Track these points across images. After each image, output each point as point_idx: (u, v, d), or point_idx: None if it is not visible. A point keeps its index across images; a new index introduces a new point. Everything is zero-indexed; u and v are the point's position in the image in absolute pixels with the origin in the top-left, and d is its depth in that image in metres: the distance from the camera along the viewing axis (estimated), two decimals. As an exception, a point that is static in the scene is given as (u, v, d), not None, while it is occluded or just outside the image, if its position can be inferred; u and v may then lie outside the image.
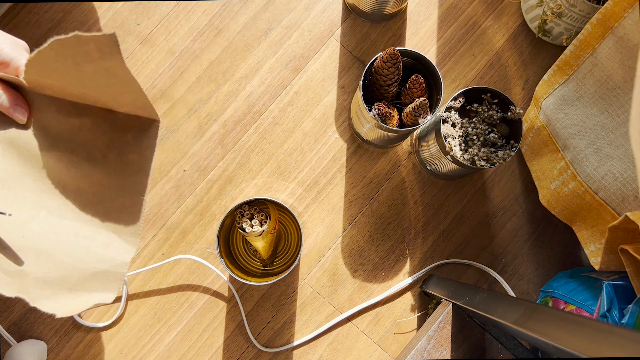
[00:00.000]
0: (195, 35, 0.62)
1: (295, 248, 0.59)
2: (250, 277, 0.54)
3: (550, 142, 0.54)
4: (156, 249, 0.59)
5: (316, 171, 0.62)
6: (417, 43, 0.63)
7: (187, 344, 0.59)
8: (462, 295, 0.48)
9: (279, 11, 0.62)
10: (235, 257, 0.58)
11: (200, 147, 0.61)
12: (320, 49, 0.63)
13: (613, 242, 0.44)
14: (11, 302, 0.58)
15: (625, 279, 0.46)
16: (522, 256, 0.62)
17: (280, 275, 0.53)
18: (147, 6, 0.61)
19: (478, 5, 0.64)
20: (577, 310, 0.50)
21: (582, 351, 0.27)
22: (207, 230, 0.60)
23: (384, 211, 0.62)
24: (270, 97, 0.62)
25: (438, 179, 0.62)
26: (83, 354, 0.58)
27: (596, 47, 0.46)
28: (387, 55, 0.47)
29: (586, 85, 0.48)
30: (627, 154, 0.43)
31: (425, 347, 0.49)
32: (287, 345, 0.59)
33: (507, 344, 0.50)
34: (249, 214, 0.51)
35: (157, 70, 0.61)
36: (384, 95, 0.52)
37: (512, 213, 0.62)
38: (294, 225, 0.58)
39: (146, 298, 0.59)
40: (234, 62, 0.62)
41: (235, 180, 0.61)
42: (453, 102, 0.52)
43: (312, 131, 0.62)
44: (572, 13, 0.54)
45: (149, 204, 0.60)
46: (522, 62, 0.63)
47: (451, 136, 0.52)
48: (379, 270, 0.61)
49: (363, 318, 0.60)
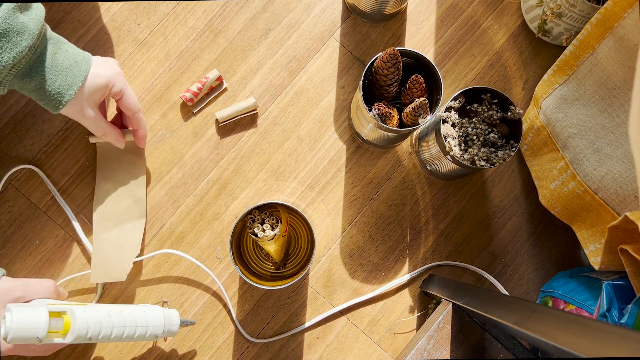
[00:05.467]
0: (195, 35, 0.62)
1: (306, 249, 0.59)
2: (265, 282, 0.54)
3: (550, 142, 0.54)
4: (157, 248, 0.60)
5: (316, 171, 0.62)
6: (417, 43, 0.63)
7: (187, 344, 0.59)
8: (462, 295, 0.48)
9: (279, 11, 0.62)
10: (247, 262, 0.58)
11: (200, 147, 0.61)
12: (320, 49, 0.63)
13: (613, 242, 0.44)
14: (11, 302, 0.58)
15: (624, 278, 0.46)
16: (522, 256, 0.62)
17: (295, 277, 0.53)
18: (147, 6, 0.61)
19: (478, 5, 0.64)
20: (577, 310, 0.50)
21: (582, 351, 0.27)
22: (207, 230, 0.60)
23: (384, 211, 0.62)
24: (270, 97, 0.62)
25: (438, 179, 0.62)
26: (83, 354, 0.58)
27: (596, 47, 0.46)
28: (387, 55, 0.47)
29: (586, 85, 0.48)
30: (627, 154, 0.43)
31: (425, 347, 0.49)
32: (287, 345, 0.59)
33: (507, 344, 0.50)
34: (259, 218, 0.52)
35: (157, 70, 0.61)
36: (384, 95, 0.52)
37: (512, 213, 0.62)
38: (304, 226, 0.58)
39: (146, 298, 0.59)
40: (234, 62, 0.62)
41: (235, 181, 0.61)
42: (453, 102, 0.52)
43: (312, 131, 0.62)
44: (572, 13, 0.54)
45: (148, 204, 0.60)
46: (522, 62, 0.63)
47: (451, 136, 0.52)
48: (379, 270, 0.61)
49: (363, 318, 0.60)
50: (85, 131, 0.60)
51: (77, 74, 0.46)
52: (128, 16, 0.61)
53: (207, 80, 0.59)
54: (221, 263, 0.60)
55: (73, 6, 0.61)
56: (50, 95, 0.46)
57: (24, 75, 0.44)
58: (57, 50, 0.46)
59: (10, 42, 0.41)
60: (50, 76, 0.45)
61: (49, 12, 0.60)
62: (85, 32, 0.60)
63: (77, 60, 0.47)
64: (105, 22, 0.61)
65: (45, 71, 0.45)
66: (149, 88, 0.61)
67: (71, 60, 0.46)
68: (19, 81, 0.44)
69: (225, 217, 0.60)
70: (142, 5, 0.61)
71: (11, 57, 0.41)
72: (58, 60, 0.45)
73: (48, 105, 0.47)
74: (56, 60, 0.45)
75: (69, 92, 0.46)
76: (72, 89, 0.46)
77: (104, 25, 0.61)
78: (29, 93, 0.46)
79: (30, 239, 0.58)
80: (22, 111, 0.59)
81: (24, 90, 0.46)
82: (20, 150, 0.59)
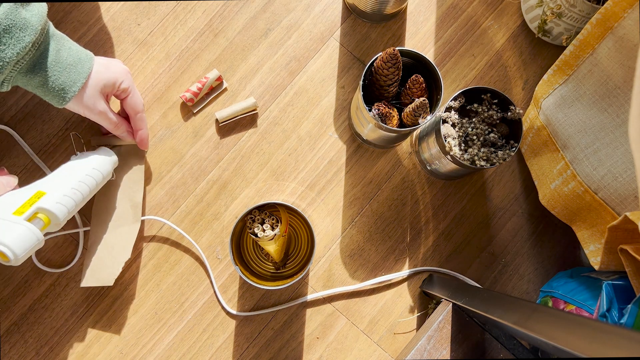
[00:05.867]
0: (195, 35, 0.62)
1: (306, 249, 0.59)
2: (265, 282, 0.54)
3: (550, 142, 0.54)
4: (157, 248, 0.60)
5: (316, 171, 0.62)
6: (417, 43, 0.63)
7: (187, 344, 0.59)
8: (462, 295, 0.48)
9: (279, 11, 0.62)
10: (247, 262, 0.58)
11: (200, 147, 0.61)
12: (320, 49, 0.63)
13: (613, 242, 0.44)
14: (11, 302, 0.58)
15: (625, 278, 0.46)
16: (522, 256, 0.62)
17: (295, 277, 0.53)
18: (147, 6, 0.62)
19: (478, 5, 0.64)
20: (577, 310, 0.50)
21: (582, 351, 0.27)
22: (207, 230, 0.60)
23: (383, 211, 0.62)
24: (270, 97, 0.62)
25: (438, 179, 0.62)
26: (83, 354, 0.58)
27: (596, 47, 0.46)
28: (387, 55, 0.47)
29: (586, 85, 0.48)
30: (627, 154, 0.43)
31: (425, 347, 0.49)
32: (287, 345, 0.59)
33: (507, 344, 0.50)
34: (259, 218, 0.52)
35: (157, 70, 0.61)
36: (384, 95, 0.52)
37: (512, 213, 0.62)
38: (304, 226, 0.59)
39: (146, 298, 0.59)
40: (234, 62, 0.62)
41: (235, 181, 0.61)
42: (453, 102, 0.52)
43: (312, 131, 0.62)
44: (572, 13, 0.54)
45: (148, 204, 0.60)
46: (522, 62, 0.63)
47: (451, 136, 0.52)
48: (379, 270, 0.61)
49: (363, 318, 0.60)
50: (85, 132, 0.60)
51: (80, 70, 0.47)
52: (128, 16, 0.61)
53: (207, 80, 0.59)
54: (221, 263, 0.60)
55: (73, 6, 0.61)
56: (54, 92, 0.46)
57: (28, 71, 0.44)
58: (60, 47, 0.46)
59: (14, 38, 0.41)
60: (54, 72, 0.45)
61: (49, 12, 0.60)
62: (86, 32, 0.60)
63: (80, 57, 0.48)
64: (105, 22, 0.61)
65: (48, 67, 0.45)
66: (149, 88, 0.61)
67: (75, 57, 0.47)
68: (22, 77, 0.45)
69: (225, 217, 0.60)
70: (142, 5, 0.61)
71: (15, 53, 0.42)
72: (62, 57, 0.46)
73: (52, 101, 0.47)
74: (60, 56, 0.46)
75: (73, 89, 0.47)
76: (76, 85, 0.47)
77: (104, 25, 0.61)
78: (33, 89, 0.46)
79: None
80: (22, 111, 0.59)
81: (28, 87, 0.46)
82: (20, 150, 0.59)
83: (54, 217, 0.45)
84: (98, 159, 0.52)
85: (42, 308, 0.58)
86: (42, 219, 0.44)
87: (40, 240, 0.43)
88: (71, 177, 0.49)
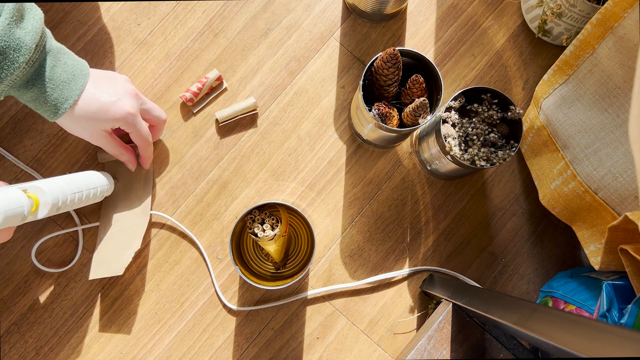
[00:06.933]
0: (195, 35, 0.62)
1: (306, 249, 0.59)
2: (265, 282, 0.54)
3: (550, 142, 0.54)
4: (157, 248, 0.60)
5: (316, 171, 0.62)
6: (417, 43, 0.63)
7: (187, 344, 0.59)
8: (462, 295, 0.48)
9: (279, 11, 0.62)
10: (247, 262, 0.58)
11: (200, 147, 0.61)
12: (320, 49, 0.63)
13: (613, 242, 0.44)
14: (11, 302, 0.58)
15: (625, 279, 0.46)
16: (522, 256, 0.62)
17: (295, 277, 0.53)
18: (147, 6, 0.62)
19: (478, 5, 0.64)
20: (577, 310, 0.50)
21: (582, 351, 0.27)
22: (207, 230, 0.60)
23: (384, 211, 0.62)
24: (270, 97, 0.62)
25: (438, 179, 0.62)
26: (83, 354, 0.58)
27: (596, 47, 0.46)
28: (387, 55, 0.47)
29: (586, 85, 0.48)
30: (627, 154, 0.43)
31: (425, 347, 0.49)
32: (287, 345, 0.59)
33: (507, 344, 0.50)
34: (259, 218, 0.52)
35: (157, 70, 0.61)
36: (384, 95, 0.52)
37: (512, 213, 0.62)
38: (304, 226, 0.58)
39: (146, 298, 0.59)
40: (234, 62, 0.62)
41: (235, 181, 0.61)
42: (453, 102, 0.52)
43: (312, 131, 0.62)
44: (572, 13, 0.54)
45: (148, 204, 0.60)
46: (522, 62, 0.63)
47: (451, 136, 0.52)
48: (379, 270, 0.61)
49: (363, 318, 0.60)
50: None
51: (73, 87, 0.47)
52: (128, 16, 0.61)
53: (207, 80, 0.59)
54: (221, 263, 0.60)
55: (73, 6, 0.61)
56: (46, 107, 0.46)
57: (21, 86, 0.44)
58: (56, 62, 0.46)
59: (8, 59, 0.41)
60: (47, 89, 0.45)
61: (49, 12, 0.60)
62: (85, 32, 0.60)
63: (75, 74, 0.47)
64: (105, 22, 0.61)
65: (42, 84, 0.45)
66: (149, 88, 0.61)
67: (69, 74, 0.46)
68: (15, 91, 0.44)
69: (225, 217, 0.60)
70: (142, 5, 0.61)
71: (8, 74, 0.42)
72: (56, 74, 0.45)
73: (44, 115, 0.47)
74: (54, 73, 0.45)
75: (64, 106, 0.46)
76: (68, 102, 0.46)
77: (104, 25, 0.61)
78: (26, 102, 0.46)
79: (30, 239, 0.58)
80: (22, 111, 0.59)
81: (21, 99, 0.46)
82: (20, 150, 0.59)
83: (42, 194, 0.44)
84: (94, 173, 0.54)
85: (42, 308, 0.58)
86: (31, 196, 0.44)
87: (23, 210, 0.42)
88: (64, 176, 0.50)
